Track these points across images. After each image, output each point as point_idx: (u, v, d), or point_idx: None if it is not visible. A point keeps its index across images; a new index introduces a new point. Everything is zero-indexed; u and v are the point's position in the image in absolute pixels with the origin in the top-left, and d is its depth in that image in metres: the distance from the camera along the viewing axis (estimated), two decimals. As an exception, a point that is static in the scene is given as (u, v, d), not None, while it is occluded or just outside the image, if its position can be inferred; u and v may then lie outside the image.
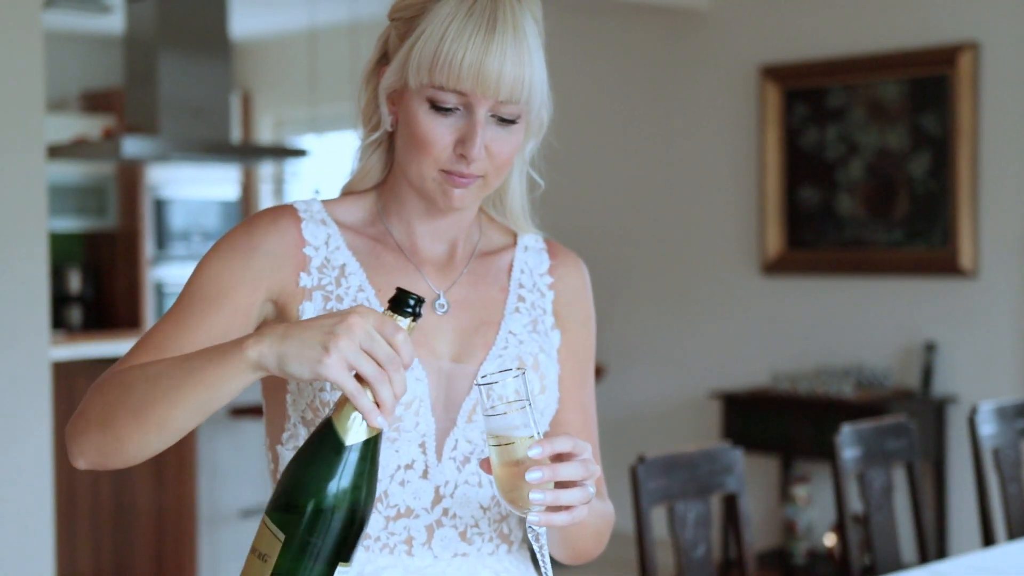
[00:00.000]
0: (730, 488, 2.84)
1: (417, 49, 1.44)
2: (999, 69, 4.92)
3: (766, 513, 5.58)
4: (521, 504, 1.36)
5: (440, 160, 1.46)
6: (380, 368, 1.27)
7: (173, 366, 1.37)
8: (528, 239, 1.68)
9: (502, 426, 1.35)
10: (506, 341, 1.57)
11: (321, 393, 1.47)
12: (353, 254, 1.53)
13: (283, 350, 1.29)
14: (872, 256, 5.27)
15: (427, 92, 1.44)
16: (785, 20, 5.49)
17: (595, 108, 6.16)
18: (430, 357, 1.52)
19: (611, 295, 6.10)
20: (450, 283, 1.58)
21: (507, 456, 1.35)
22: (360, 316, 1.28)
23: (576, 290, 1.68)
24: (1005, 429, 3.52)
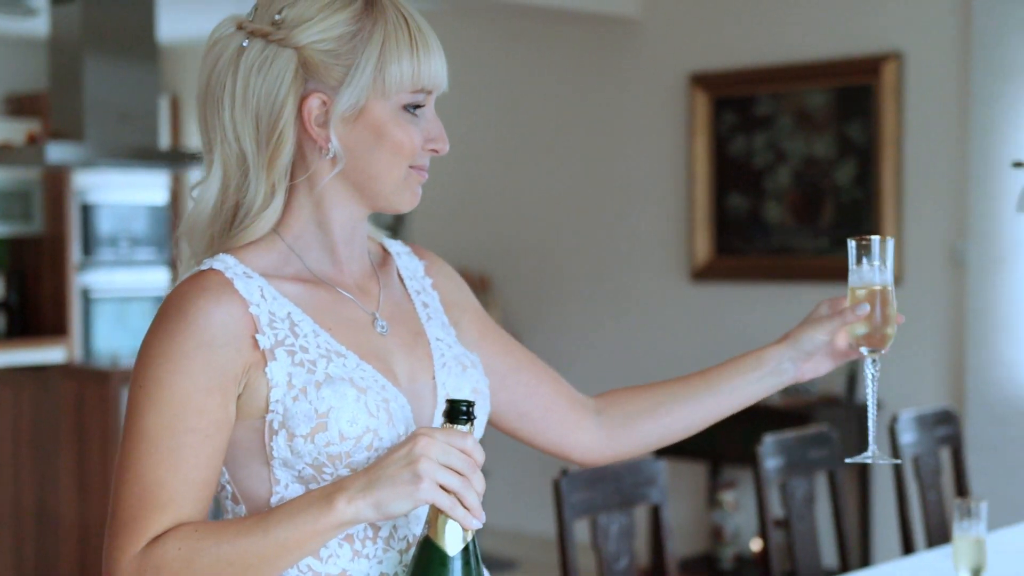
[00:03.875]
0: (653, 499, 2.86)
1: (391, 65, 1.49)
2: (922, 79, 4.98)
3: (694, 519, 5.62)
4: (887, 340, 1.70)
5: (414, 157, 1.52)
6: (462, 476, 1.37)
7: (252, 541, 1.40)
8: (393, 245, 1.71)
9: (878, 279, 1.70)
10: (440, 349, 1.60)
11: (328, 448, 1.45)
12: (290, 300, 1.51)
13: (378, 497, 1.37)
14: (799, 263, 5.32)
15: (404, 98, 1.50)
16: (714, 29, 5.53)
17: (526, 115, 6.17)
18: (397, 383, 1.53)
19: (542, 302, 6.12)
20: (375, 302, 1.59)
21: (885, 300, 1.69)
22: (428, 437, 1.37)
23: (454, 280, 1.74)
24: (925, 437, 3.57)
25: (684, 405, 1.79)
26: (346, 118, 1.49)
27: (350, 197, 1.54)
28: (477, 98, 6.18)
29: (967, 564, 2.40)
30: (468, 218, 6.30)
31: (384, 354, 1.54)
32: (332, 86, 1.49)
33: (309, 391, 1.45)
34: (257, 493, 1.49)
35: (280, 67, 1.49)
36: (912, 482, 3.64)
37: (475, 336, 1.72)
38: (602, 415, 1.80)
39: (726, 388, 1.78)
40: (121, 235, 7.77)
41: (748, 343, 5.46)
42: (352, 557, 1.48)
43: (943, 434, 3.68)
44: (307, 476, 1.47)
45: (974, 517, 2.40)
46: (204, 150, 1.54)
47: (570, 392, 1.79)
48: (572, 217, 6.04)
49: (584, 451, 1.79)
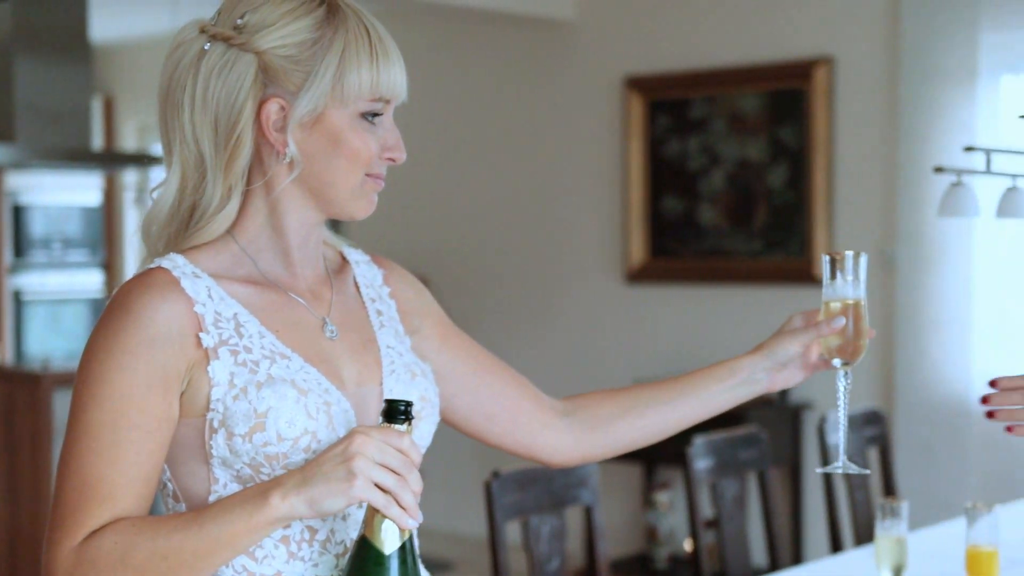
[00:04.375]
0: (585, 501, 2.88)
1: (350, 73, 1.50)
2: (852, 83, 5.04)
3: (629, 519, 5.66)
4: (860, 352, 1.75)
5: (370, 166, 1.54)
6: (398, 475, 1.37)
7: (187, 536, 1.41)
8: (353, 254, 1.73)
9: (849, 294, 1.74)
10: (390, 356, 1.61)
11: (266, 448, 1.46)
12: (238, 301, 1.53)
13: (312, 493, 1.38)
14: (732, 265, 5.37)
15: (362, 106, 1.52)
16: (649, 32, 5.57)
17: (463, 117, 6.18)
18: (342, 387, 1.54)
19: (478, 303, 6.13)
20: (327, 307, 1.61)
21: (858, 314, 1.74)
22: (365, 435, 1.38)
23: (414, 288, 1.75)
24: (853, 438, 3.62)
25: (655, 410, 1.80)
26: (304, 124, 1.51)
27: (306, 203, 1.56)
28: (413, 100, 6.11)
29: (888, 563, 2.44)
30: (405, 219, 6.30)
31: (331, 358, 1.56)
32: (291, 91, 1.51)
33: (250, 391, 1.46)
34: (196, 491, 1.50)
35: (240, 71, 1.51)
36: (840, 482, 3.68)
37: (437, 341, 1.74)
38: (571, 417, 1.82)
39: (699, 395, 1.80)
40: (54, 237, 7.69)
41: (682, 345, 5.52)
42: (287, 559, 1.49)
43: (871, 434, 3.74)
44: (245, 476, 1.48)
45: (896, 517, 2.44)
46: (164, 151, 1.56)
47: (536, 394, 1.81)
48: (508, 219, 6.06)
49: (552, 452, 1.81)
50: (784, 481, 5.20)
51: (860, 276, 1.74)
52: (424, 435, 1.62)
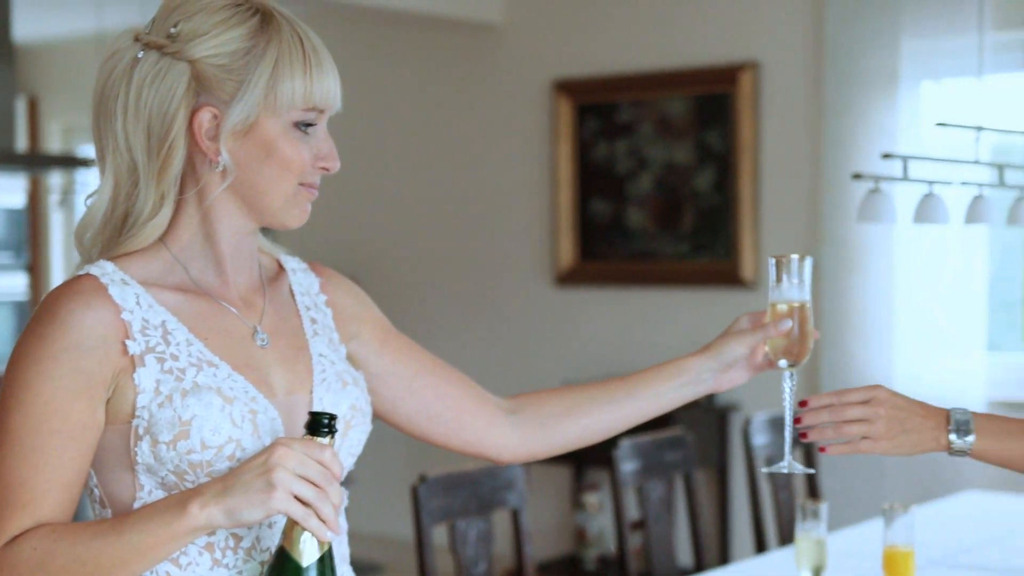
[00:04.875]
0: (512, 504, 2.90)
1: (283, 82, 1.52)
2: (777, 88, 5.10)
3: (559, 521, 5.68)
4: (805, 354, 1.78)
5: (303, 175, 1.55)
6: (318, 487, 1.38)
7: (107, 543, 1.41)
8: (291, 261, 1.73)
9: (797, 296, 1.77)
10: (322, 365, 1.62)
11: (190, 456, 1.46)
12: (167, 309, 1.53)
13: (230, 503, 1.39)
14: (660, 268, 5.41)
15: (295, 116, 1.53)
16: (577, 36, 5.60)
17: (393, 119, 6.17)
18: (271, 395, 1.55)
19: (406, 306, 6.13)
20: (259, 315, 1.61)
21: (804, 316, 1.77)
22: (286, 447, 1.39)
23: (352, 294, 1.76)
24: (777, 439, 3.66)
25: (602, 409, 1.83)
26: (236, 132, 1.52)
27: (238, 211, 1.57)
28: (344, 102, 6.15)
29: (808, 564, 2.48)
30: (334, 221, 6.28)
31: (261, 366, 1.57)
32: (224, 100, 1.52)
33: (175, 398, 1.47)
34: (122, 498, 1.51)
35: (173, 79, 1.52)
36: (765, 483, 3.73)
37: (376, 345, 1.75)
38: (517, 415, 1.83)
39: (646, 394, 1.83)
40: (-23, 239, 7.59)
41: (611, 347, 5.55)
42: (212, 566, 1.50)
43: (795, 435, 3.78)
44: (170, 483, 1.48)
45: (816, 518, 2.48)
46: (97, 158, 1.57)
47: (481, 393, 1.83)
48: (438, 221, 6.07)
49: (499, 450, 1.83)
50: (711, 482, 5.25)
51: (805, 279, 1.78)
52: (355, 443, 1.63)
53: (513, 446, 1.83)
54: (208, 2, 1.54)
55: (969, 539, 3.10)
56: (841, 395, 1.72)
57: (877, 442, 1.68)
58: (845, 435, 1.70)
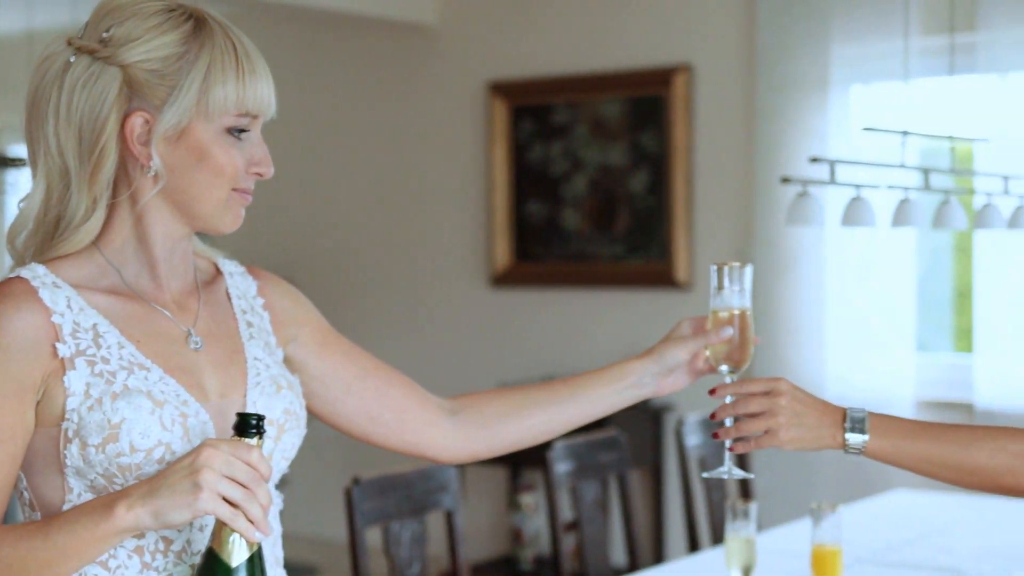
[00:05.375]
0: (446, 506, 2.90)
1: (215, 88, 1.52)
2: (710, 91, 5.15)
3: (495, 522, 5.70)
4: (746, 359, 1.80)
5: (236, 180, 1.55)
6: (245, 488, 1.38)
7: (33, 546, 1.41)
8: (228, 265, 1.74)
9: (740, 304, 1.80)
10: (256, 368, 1.62)
11: (119, 459, 1.46)
12: (99, 312, 1.53)
13: (156, 505, 1.39)
14: (595, 269, 5.44)
15: (228, 121, 1.54)
16: (512, 38, 5.62)
17: (327, 120, 6.16)
18: (203, 399, 1.55)
19: (342, 308, 6.11)
20: (193, 318, 1.61)
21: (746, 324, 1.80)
22: (213, 448, 1.39)
23: (290, 297, 1.76)
24: (709, 439, 3.70)
25: (543, 410, 1.84)
26: (168, 138, 1.53)
27: (171, 216, 1.57)
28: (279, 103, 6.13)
29: (738, 563, 2.51)
30: (268, 222, 6.25)
31: (194, 369, 1.57)
32: (156, 105, 1.52)
33: (104, 402, 1.47)
34: (51, 500, 1.50)
35: (104, 84, 1.52)
36: (698, 483, 3.76)
37: (316, 347, 1.76)
38: (459, 416, 1.84)
39: (588, 397, 1.85)
40: (-96, 240, 7.47)
41: (547, 348, 5.57)
42: (141, 569, 1.50)
43: (727, 436, 3.82)
44: (99, 486, 1.48)
45: (745, 518, 2.51)
46: (29, 162, 1.57)
47: (422, 394, 1.84)
48: (373, 223, 6.06)
49: (440, 450, 1.84)
50: (646, 482, 5.29)
51: (746, 286, 1.81)
52: (288, 447, 1.63)
53: (454, 446, 1.84)
54: (141, 7, 1.54)
55: (897, 537, 3.14)
56: (743, 385, 1.74)
57: (776, 435, 1.70)
58: (748, 432, 1.72)
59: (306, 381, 1.74)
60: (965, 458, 1.70)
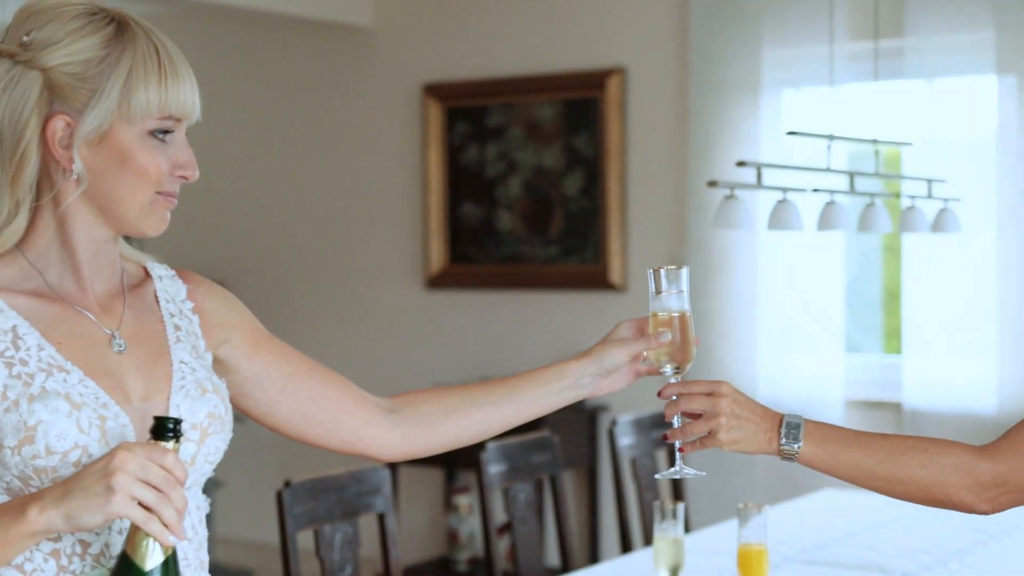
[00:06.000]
0: (378, 508, 2.91)
1: (138, 91, 1.53)
2: (644, 94, 5.19)
3: (431, 523, 5.70)
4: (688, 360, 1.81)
5: (160, 183, 1.56)
6: (159, 492, 1.38)
7: None
8: (158, 268, 1.73)
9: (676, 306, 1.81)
10: (182, 371, 1.62)
11: (34, 461, 1.46)
12: (19, 314, 1.53)
13: (69, 508, 1.38)
14: (530, 271, 5.46)
15: (151, 124, 1.54)
16: (447, 40, 5.63)
17: (262, 121, 6.13)
18: (125, 401, 1.55)
19: (277, 309, 6.09)
20: (118, 321, 1.61)
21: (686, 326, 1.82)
22: (127, 451, 1.38)
23: (221, 300, 1.76)
24: (642, 440, 3.73)
25: (481, 410, 1.85)
26: (90, 141, 1.53)
27: (95, 219, 1.58)
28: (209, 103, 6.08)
29: (666, 563, 2.54)
30: (202, 224, 6.22)
31: (116, 372, 1.57)
32: (77, 108, 1.52)
33: (21, 404, 1.47)
34: None
35: (25, 87, 1.52)
36: (631, 483, 3.79)
37: (248, 349, 1.76)
38: (396, 414, 1.85)
39: (526, 397, 1.86)
40: None
41: (482, 349, 5.59)
42: (57, 572, 1.50)
43: (659, 436, 3.85)
44: (15, 488, 1.48)
45: (673, 519, 2.53)
46: None
47: (358, 393, 1.84)
48: (308, 225, 6.04)
49: (377, 448, 1.84)
50: (581, 483, 5.32)
51: (684, 288, 1.82)
52: (213, 451, 1.63)
53: (391, 444, 1.84)
54: (62, 11, 1.54)
55: (825, 536, 3.19)
56: (687, 385, 1.77)
57: (716, 436, 1.74)
58: (692, 432, 1.75)
59: (240, 383, 1.74)
60: (895, 469, 1.72)
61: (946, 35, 4.54)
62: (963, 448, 1.72)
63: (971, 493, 1.70)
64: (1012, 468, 1.69)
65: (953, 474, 1.70)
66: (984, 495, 1.70)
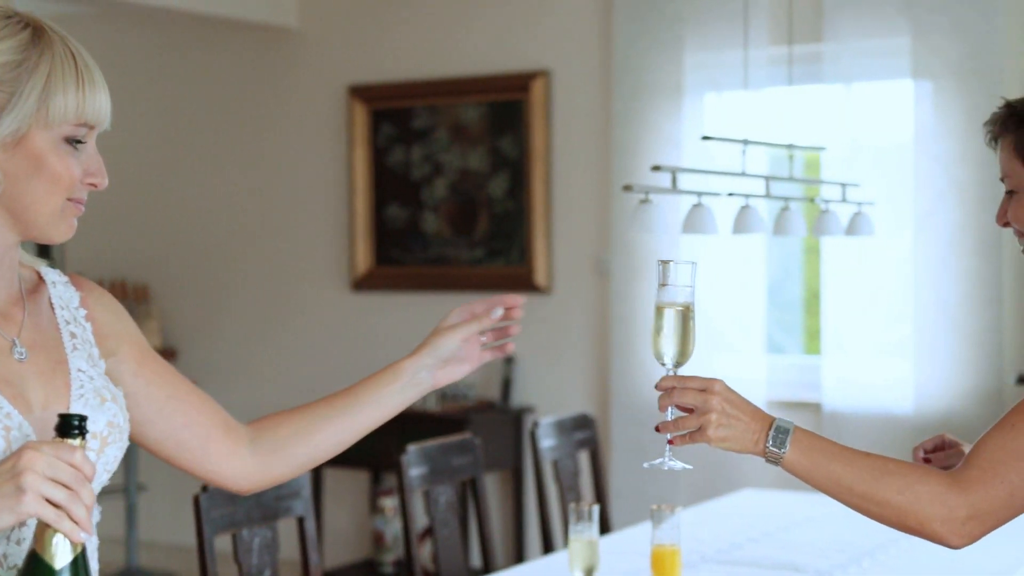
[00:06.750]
0: (298, 512, 2.90)
1: (56, 96, 1.53)
2: (568, 97, 5.22)
3: (357, 525, 5.69)
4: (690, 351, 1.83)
5: (72, 190, 1.56)
6: (69, 490, 1.36)
7: None
8: (51, 274, 1.72)
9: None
10: (80, 380, 1.61)
11: None
12: None
13: None
14: (456, 273, 5.47)
15: (66, 130, 1.54)
16: (372, 42, 5.62)
17: (186, 123, 6.09)
18: (27, 411, 1.54)
19: (203, 313, 6.06)
20: (18, 328, 1.60)
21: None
22: (35, 450, 1.36)
23: (111, 310, 1.75)
24: (564, 442, 3.75)
25: (332, 423, 1.84)
26: (6, 144, 1.53)
27: (3, 223, 1.57)
28: (133, 105, 6.06)
29: (580, 565, 2.56)
30: (126, 228, 6.17)
31: (17, 380, 1.55)
32: None
33: None
34: None
35: None
36: (552, 485, 3.81)
37: (133, 365, 1.74)
38: (255, 443, 1.83)
39: (369, 402, 1.85)
40: None
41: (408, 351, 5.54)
42: None
43: (581, 438, 3.88)
44: None
45: (587, 520, 2.56)
46: None
47: (226, 421, 1.82)
48: (233, 227, 6.01)
49: (237, 480, 1.82)
50: (506, 484, 5.34)
51: (691, 283, 1.83)
52: (111, 460, 1.62)
53: (253, 475, 1.83)
54: None
55: (741, 536, 3.22)
56: (682, 380, 1.79)
57: (704, 432, 1.75)
58: (683, 427, 1.76)
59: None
60: (874, 489, 1.73)
61: (864, 40, 4.61)
62: (940, 478, 1.72)
63: (944, 525, 1.70)
64: (981, 497, 1.70)
65: (928, 504, 1.71)
66: (958, 530, 1.70)
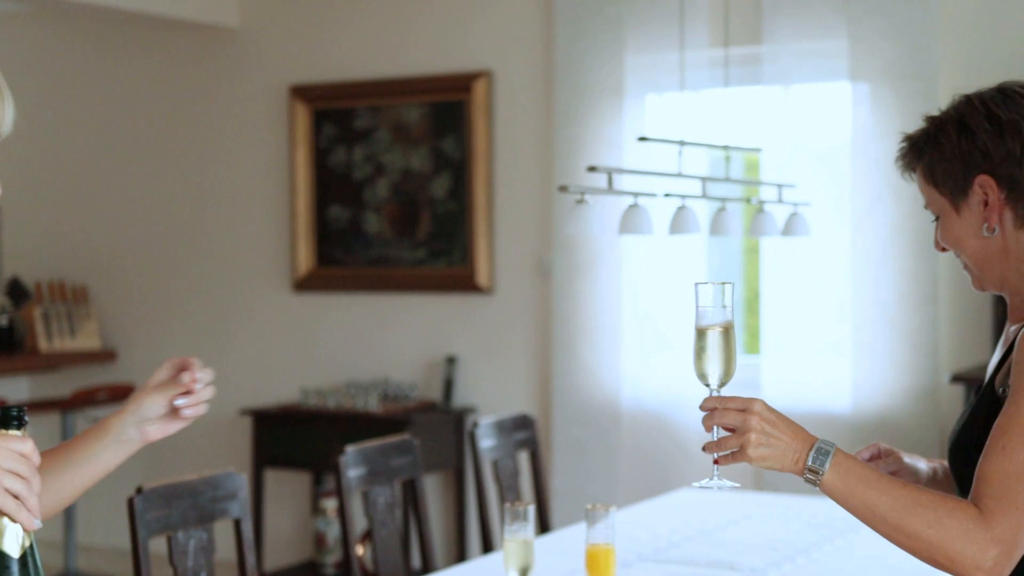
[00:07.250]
0: (235, 514, 2.89)
1: None
2: (510, 97, 5.23)
3: (299, 527, 5.67)
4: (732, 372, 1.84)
5: None
6: (25, 480, 1.40)
7: None
8: None
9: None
10: None
11: None
12: None
13: None
14: (398, 273, 5.47)
15: None
16: (314, 42, 5.61)
17: (126, 123, 6.05)
18: None
19: (142, 313, 6.02)
20: None
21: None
22: None
23: None
24: (504, 442, 3.76)
25: (51, 482, 1.83)
26: None
27: None
28: (71, 104, 6.01)
29: (515, 565, 2.56)
30: (64, 227, 6.11)
31: None
32: None
33: None
34: None
35: None
36: (492, 485, 3.82)
37: None
38: None
39: (80, 460, 1.86)
40: None
41: (350, 352, 5.58)
42: None
43: (521, 438, 3.88)
44: None
45: (522, 520, 2.56)
46: None
47: None
48: (174, 227, 5.97)
49: None
50: (449, 484, 5.34)
51: (727, 303, 1.85)
52: None
53: None
54: None
55: (677, 535, 3.24)
56: (723, 400, 1.80)
57: (744, 451, 1.77)
58: (725, 447, 1.78)
59: None
60: (905, 521, 1.75)
61: (801, 43, 4.65)
62: (968, 513, 1.73)
63: (973, 562, 1.72)
64: (1004, 528, 1.72)
65: (956, 540, 1.72)
66: (987, 567, 1.72)
